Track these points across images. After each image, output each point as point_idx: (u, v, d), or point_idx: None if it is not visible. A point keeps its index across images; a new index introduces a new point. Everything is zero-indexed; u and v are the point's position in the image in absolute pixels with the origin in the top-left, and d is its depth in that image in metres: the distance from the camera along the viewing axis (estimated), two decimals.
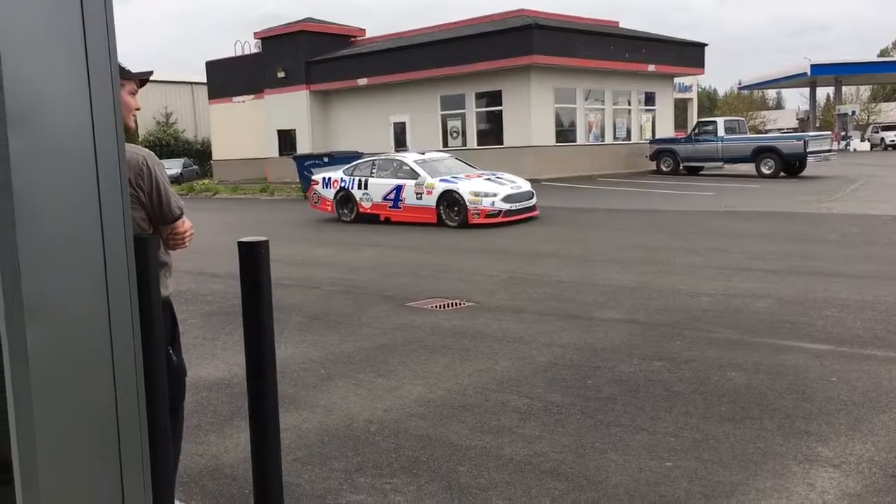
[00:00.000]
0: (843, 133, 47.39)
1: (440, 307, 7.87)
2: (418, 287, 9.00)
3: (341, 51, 33.80)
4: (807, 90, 59.66)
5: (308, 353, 6.30)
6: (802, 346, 5.85)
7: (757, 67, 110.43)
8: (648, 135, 30.92)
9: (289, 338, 6.76)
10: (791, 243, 11.51)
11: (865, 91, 74.87)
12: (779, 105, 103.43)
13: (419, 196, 15.72)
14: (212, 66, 38.76)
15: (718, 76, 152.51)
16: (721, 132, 25.49)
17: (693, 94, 40.94)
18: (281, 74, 33.95)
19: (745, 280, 8.64)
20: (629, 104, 30.77)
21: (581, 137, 28.74)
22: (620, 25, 33.30)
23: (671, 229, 13.36)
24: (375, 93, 31.48)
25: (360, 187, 16.68)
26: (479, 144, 28.78)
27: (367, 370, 5.73)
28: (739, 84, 66.25)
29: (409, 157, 16.82)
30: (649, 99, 31.49)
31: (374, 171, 16.75)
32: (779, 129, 52.56)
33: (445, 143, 29.89)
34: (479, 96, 28.70)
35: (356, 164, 17.45)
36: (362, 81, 31.32)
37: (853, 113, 53.78)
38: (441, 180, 15.62)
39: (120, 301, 1.53)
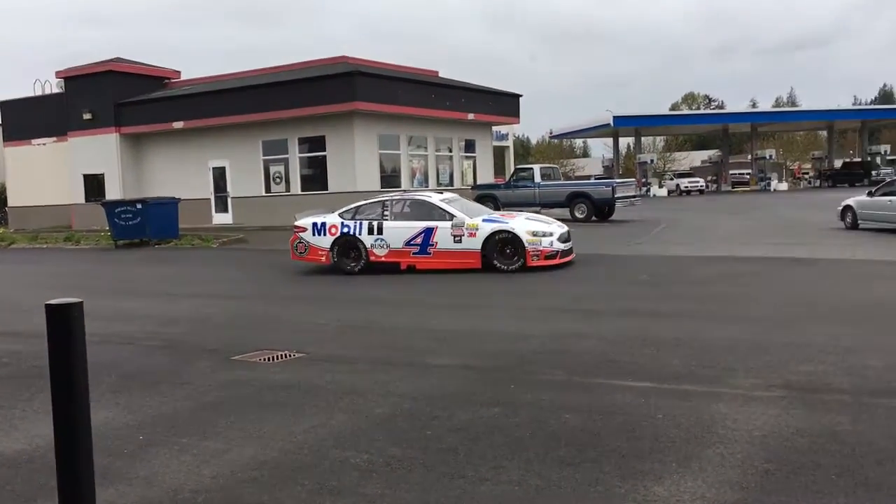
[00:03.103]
0: (643, 180, 51.21)
1: (269, 360, 7.51)
2: (244, 339, 8.56)
3: (155, 93, 32.39)
4: (611, 139, 64.21)
5: (123, 417, 5.77)
6: (628, 385, 6.07)
7: (565, 118, 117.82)
8: (470, 180, 31.87)
9: (100, 401, 6.15)
10: (607, 284, 12.12)
11: (661, 141, 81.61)
12: (585, 153, 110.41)
13: (458, 239, 13.95)
14: (8, 107, 35.89)
15: (530, 126, 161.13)
16: (538, 178, 26.72)
17: (510, 142, 42.77)
18: (87, 116, 31.98)
19: (570, 321, 8.95)
20: (451, 151, 31.63)
21: (405, 183, 29.11)
22: (440, 75, 34.30)
23: (496, 273, 13.65)
24: (193, 137, 30.36)
25: (371, 232, 14.48)
26: (303, 190, 28.41)
27: (192, 433, 5.30)
28: (550, 133, 70.31)
29: (435, 197, 14.97)
30: (469, 146, 32.55)
31: (386, 213, 14.65)
32: (594, 176, 55.96)
33: (268, 189, 29.28)
34: (302, 141, 28.42)
35: (358, 207, 15.12)
36: (178, 124, 30.12)
37: (652, 161, 58.40)
38: (485, 220, 14.14)
39: None
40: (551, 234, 13.90)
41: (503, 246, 13.75)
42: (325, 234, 14.84)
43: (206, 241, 23.36)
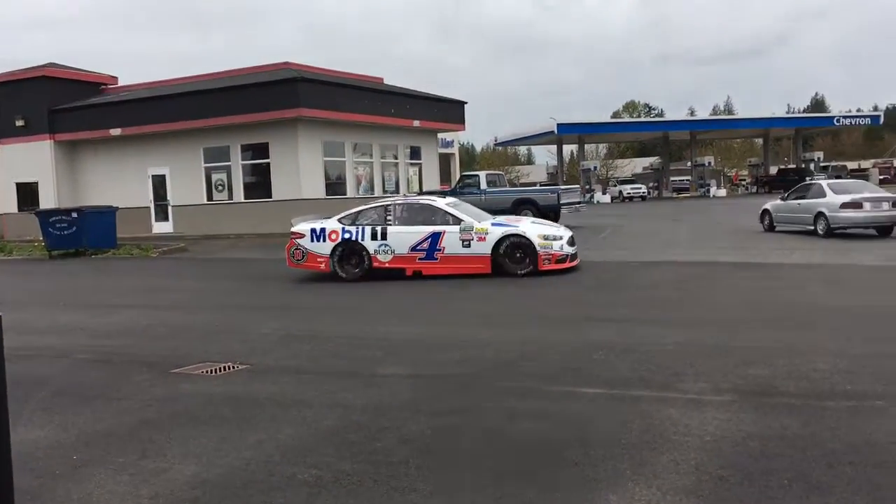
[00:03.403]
0: (587, 186, 51.78)
1: (211, 372, 7.27)
2: (185, 351, 8.29)
3: (90, 99, 31.52)
4: (555, 147, 64.84)
5: (56, 435, 5.49)
6: (580, 392, 6.02)
7: (510, 126, 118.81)
8: (416, 187, 31.76)
9: (31, 419, 5.86)
10: (555, 288, 12.11)
11: (603, 148, 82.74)
12: (529, 160, 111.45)
13: (466, 243, 13.65)
14: None
15: (475, 133, 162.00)
16: (483, 185, 26.75)
17: (455, 150, 42.85)
18: (20, 123, 30.96)
19: (518, 328, 8.89)
20: (396, 158, 31.49)
21: (351, 190, 28.87)
22: (385, 81, 34.16)
23: (444, 279, 13.57)
24: (131, 144, 29.61)
25: (374, 237, 13.97)
26: (246, 198, 27.95)
27: (129, 451, 5.06)
28: (496, 140, 70.66)
29: (440, 201, 14.71)
30: (415, 153, 32.46)
31: (389, 217, 14.17)
32: (539, 183, 56.50)
33: (210, 197, 28.72)
34: (245, 148, 27.96)
35: (358, 212, 14.51)
36: (116, 131, 29.35)
37: (595, 168, 59.13)
38: (494, 224, 13.91)
39: None
40: (561, 238, 13.77)
41: (513, 250, 13.54)
42: (324, 240, 14.23)
43: (146, 251, 22.76)
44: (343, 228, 14.23)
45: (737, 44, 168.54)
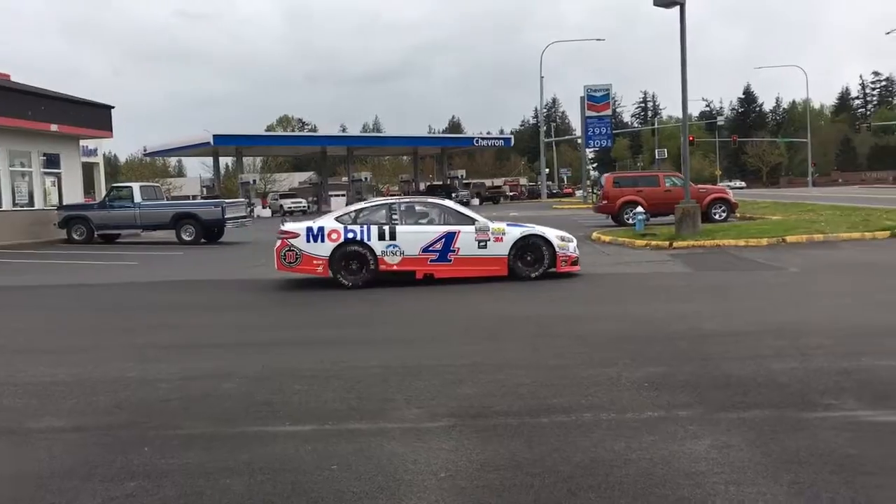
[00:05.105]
0: (247, 200, 50.50)
1: None
2: None
3: None
4: (209, 158, 62.44)
5: None
6: (287, 430, 5.32)
7: (159, 136, 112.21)
8: (55, 200, 28.14)
9: None
10: (235, 312, 11.19)
11: (259, 162, 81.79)
12: (180, 173, 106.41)
13: (482, 244, 12.98)
14: None
15: (118, 142, 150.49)
16: (138, 198, 24.56)
17: (100, 159, 39.02)
18: None
19: (202, 358, 7.88)
20: (29, 166, 27.59)
21: None
22: (12, 79, 29.87)
23: (102, 306, 11.92)
24: None
25: (382, 238, 12.82)
26: None
27: None
28: (144, 150, 66.03)
29: (447, 201, 14.17)
30: (53, 161, 28.72)
31: (395, 216, 13.08)
32: (195, 196, 53.77)
33: None
34: None
35: (359, 210, 13.36)
36: None
37: (254, 182, 58.02)
38: (510, 225, 13.41)
39: None
40: (573, 240, 13.71)
41: (527, 251, 13.21)
42: (322, 241, 12.85)
43: None
44: (345, 227, 13.03)
45: (380, 68, 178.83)
